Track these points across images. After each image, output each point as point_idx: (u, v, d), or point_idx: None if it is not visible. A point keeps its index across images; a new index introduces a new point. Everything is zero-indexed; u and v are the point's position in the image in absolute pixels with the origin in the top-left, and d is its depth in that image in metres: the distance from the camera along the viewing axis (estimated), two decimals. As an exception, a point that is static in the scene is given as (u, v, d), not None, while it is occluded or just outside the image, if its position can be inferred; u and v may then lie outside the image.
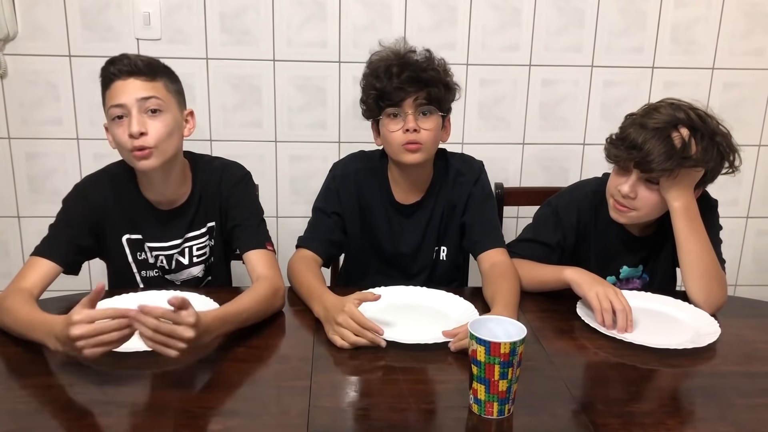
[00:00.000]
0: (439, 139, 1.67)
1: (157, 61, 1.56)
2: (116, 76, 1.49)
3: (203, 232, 1.65)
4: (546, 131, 2.32)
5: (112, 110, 1.49)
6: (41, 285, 1.47)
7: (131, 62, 1.50)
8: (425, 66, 1.62)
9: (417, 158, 1.63)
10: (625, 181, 1.56)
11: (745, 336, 1.48)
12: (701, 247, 1.55)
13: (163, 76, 1.54)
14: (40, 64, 2.14)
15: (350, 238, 1.76)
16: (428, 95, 1.61)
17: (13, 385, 1.23)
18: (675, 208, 1.54)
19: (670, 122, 1.51)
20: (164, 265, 1.65)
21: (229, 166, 1.68)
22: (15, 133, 2.20)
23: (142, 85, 1.49)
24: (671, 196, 1.54)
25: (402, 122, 1.61)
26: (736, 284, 2.49)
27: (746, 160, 2.36)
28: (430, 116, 1.62)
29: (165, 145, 1.51)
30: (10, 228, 2.29)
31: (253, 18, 2.15)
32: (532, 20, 2.20)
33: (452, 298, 1.55)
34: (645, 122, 1.52)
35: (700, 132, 1.51)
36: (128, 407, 1.15)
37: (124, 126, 1.49)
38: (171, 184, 1.59)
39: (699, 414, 1.19)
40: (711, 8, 2.22)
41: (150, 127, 1.49)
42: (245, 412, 1.16)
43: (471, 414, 1.15)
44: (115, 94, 1.49)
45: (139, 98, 1.48)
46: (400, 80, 1.59)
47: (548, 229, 1.70)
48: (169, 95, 1.53)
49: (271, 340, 1.41)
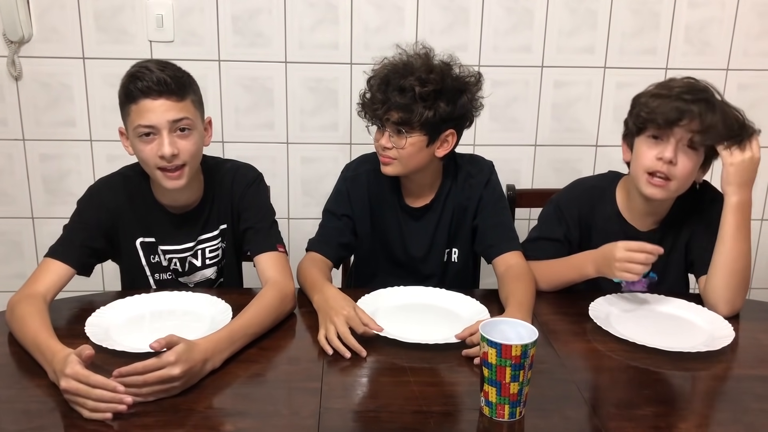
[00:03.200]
0: (422, 156, 1.63)
1: (183, 75, 1.51)
2: (144, 94, 1.45)
3: (216, 234, 1.66)
4: (558, 133, 2.31)
5: (140, 129, 1.47)
6: (55, 288, 1.47)
7: (160, 80, 1.44)
8: (405, 86, 1.55)
9: (389, 171, 1.64)
10: (664, 148, 1.51)
11: (759, 339, 1.47)
12: (743, 248, 1.52)
13: (190, 92, 1.51)
14: (54, 66, 2.16)
15: (361, 240, 1.76)
16: (398, 117, 1.58)
17: (27, 384, 1.24)
18: (732, 203, 1.51)
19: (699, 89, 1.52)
20: (177, 267, 1.66)
21: (241, 168, 1.68)
22: (29, 134, 2.22)
23: (173, 105, 1.46)
24: (730, 189, 1.51)
25: (381, 135, 1.63)
26: (751, 287, 2.45)
27: (761, 162, 2.36)
28: (408, 135, 1.59)
29: (193, 162, 1.52)
30: (24, 229, 2.30)
31: (266, 20, 2.15)
32: (544, 22, 2.19)
33: (463, 299, 1.55)
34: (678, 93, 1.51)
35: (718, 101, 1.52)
36: (139, 408, 1.15)
37: (153, 145, 1.47)
38: (186, 190, 1.59)
39: (713, 418, 1.18)
40: (725, 9, 2.21)
41: (181, 147, 1.48)
42: (256, 413, 1.16)
43: (482, 416, 1.15)
44: (144, 113, 1.45)
45: (170, 120, 1.46)
46: (373, 99, 1.61)
47: (553, 224, 1.70)
48: (196, 112, 1.52)
49: (282, 342, 1.41)
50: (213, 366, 1.26)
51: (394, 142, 1.60)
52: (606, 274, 1.54)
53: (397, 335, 1.35)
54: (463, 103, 1.62)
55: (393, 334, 1.36)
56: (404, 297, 1.55)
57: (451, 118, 1.61)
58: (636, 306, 1.55)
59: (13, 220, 2.30)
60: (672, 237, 1.64)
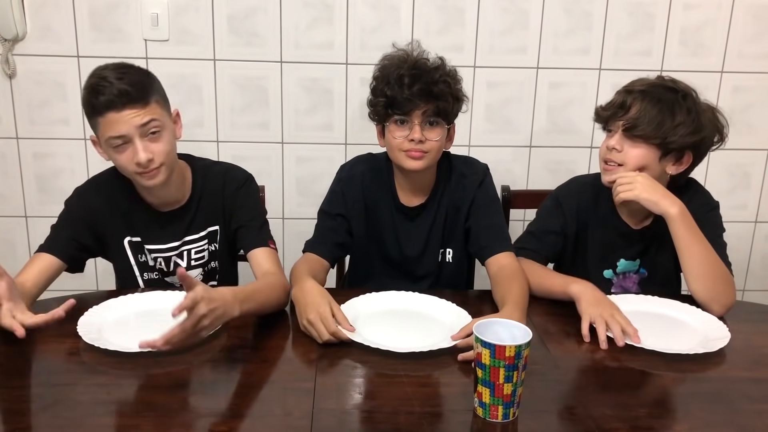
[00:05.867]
0: (442, 148, 1.67)
1: (142, 78, 1.49)
2: (108, 107, 1.44)
3: (202, 236, 1.65)
4: (553, 134, 2.31)
5: (111, 140, 1.46)
6: (37, 278, 1.48)
7: (122, 92, 1.43)
8: (437, 78, 1.60)
9: (419, 165, 1.64)
10: (611, 137, 1.64)
11: (753, 341, 1.47)
12: (704, 250, 1.55)
13: (153, 93, 1.49)
14: (48, 64, 2.15)
15: (355, 240, 1.76)
16: (437, 108, 1.61)
17: (16, 384, 1.23)
18: (672, 214, 1.54)
19: (657, 85, 1.60)
20: (162, 267, 1.65)
21: (231, 170, 1.68)
22: (23, 133, 2.21)
23: (138, 112, 1.45)
24: (666, 203, 1.55)
25: (408, 130, 1.61)
26: (745, 289, 2.47)
27: (755, 164, 2.37)
28: (436, 127, 1.63)
29: (169, 159, 1.52)
30: (17, 228, 2.30)
31: (261, 19, 2.15)
32: (539, 23, 2.20)
33: (444, 304, 1.52)
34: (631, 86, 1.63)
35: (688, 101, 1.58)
36: (132, 408, 1.15)
37: (127, 152, 1.47)
38: (169, 188, 1.59)
39: (707, 419, 1.18)
40: (720, 11, 2.21)
41: (154, 150, 1.48)
42: (249, 413, 1.15)
43: (476, 417, 1.15)
44: (112, 125, 1.44)
45: (139, 125, 1.46)
46: (411, 92, 1.59)
47: (551, 217, 1.74)
48: (162, 111, 1.51)
49: (275, 342, 1.41)
50: (233, 310, 1.29)
51: (426, 135, 1.61)
52: (581, 302, 1.48)
53: (390, 346, 1.32)
54: (460, 96, 1.68)
55: (384, 345, 1.32)
56: (384, 303, 1.53)
57: (455, 111, 1.67)
58: (630, 307, 1.54)
59: (6, 219, 2.29)
60: (662, 235, 1.65)
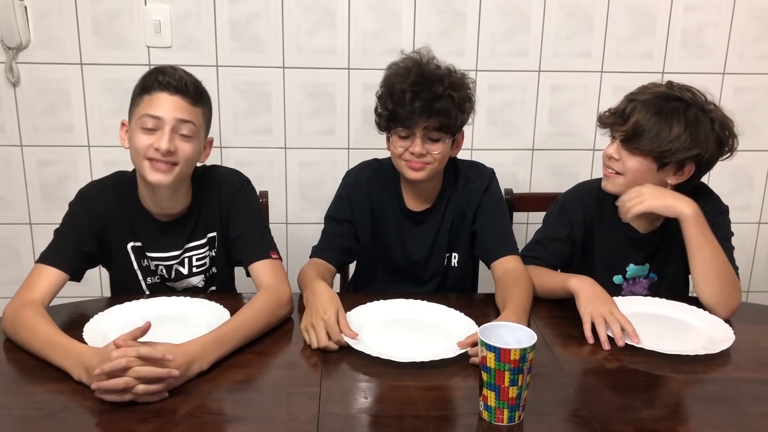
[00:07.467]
0: (446, 158, 1.67)
1: (203, 87, 1.54)
2: (162, 87, 1.46)
3: (203, 243, 1.64)
4: (555, 137, 2.31)
5: (145, 119, 1.46)
6: (50, 295, 1.46)
7: (182, 79, 1.47)
8: (440, 93, 1.59)
9: (420, 176, 1.64)
10: (610, 144, 1.64)
11: (758, 343, 1.47)
12: (714, 252, 1.54)
13: (204, 104, 1.54)
14: (51, 72, 2.16)
15: (362, 245, 1.76)
16: (438, 123, 1.60)
17: (24, 391, 1.24)
18: (687, 215, 1.53)
19: (660, 95, 1.59)
20: (164, 274, 1.65)
21: (227, 176, 1.67)
22: (27, 140, 2.22)
23: (185, 106, 1.47)
24: (681, 203, 1.54)
25: (410, 142, 1.62)
26: (749, 290, 2.47)
27: (758, 166, 2.37)
28: (438, 140, 1.62)
29: (185, 168, 1.51)
30: (22, 235, 2.30)
31: (263, 25, 2.15)
32: (541, 26, 2.20)
33: (452, 312, 1.50)
34: (635, 95, 1.63)
35: (689, 113, 1.56)
36: (137, 414, 1.15)
37: (152, 137, 1.47)
38: (173, 198, 1.58)
39: (712, 421, 1.18)
40: (721, 13, 2.21)
41: (179, 147, 1.48)
42: (254, 418, 1.16)
43: (481, 421, 1.15)
44: (156, 104, 1.46)
45: (178, 118, 1.47)
46: (413, 108, 1.58)
47: (557, 224, 1.73)
48: (203, 124, 1.53)
49: (281, 347, 1.41)
50: (200, 368, 1.25)
51: (428, 148, 1.61)
52: (579, 298, 1.49)
53: (396, 356, 1.31)
54: (467, 108, 1.67)
55: (391, 356, 1.31)
56: (390, 311, 1.52)
57: (461, 123, 1.66)
58: (634, 309, 1.54)
59: (11, 226, 2.29)
60: (671, 238, 1.65)
